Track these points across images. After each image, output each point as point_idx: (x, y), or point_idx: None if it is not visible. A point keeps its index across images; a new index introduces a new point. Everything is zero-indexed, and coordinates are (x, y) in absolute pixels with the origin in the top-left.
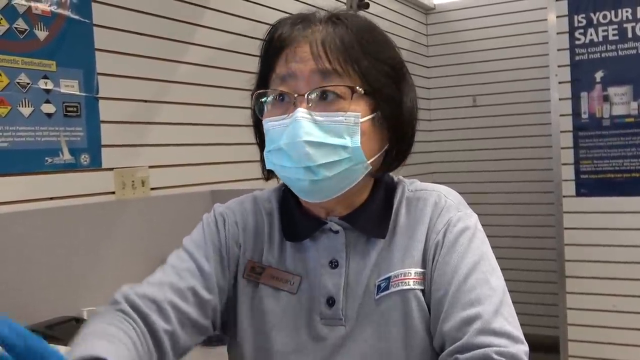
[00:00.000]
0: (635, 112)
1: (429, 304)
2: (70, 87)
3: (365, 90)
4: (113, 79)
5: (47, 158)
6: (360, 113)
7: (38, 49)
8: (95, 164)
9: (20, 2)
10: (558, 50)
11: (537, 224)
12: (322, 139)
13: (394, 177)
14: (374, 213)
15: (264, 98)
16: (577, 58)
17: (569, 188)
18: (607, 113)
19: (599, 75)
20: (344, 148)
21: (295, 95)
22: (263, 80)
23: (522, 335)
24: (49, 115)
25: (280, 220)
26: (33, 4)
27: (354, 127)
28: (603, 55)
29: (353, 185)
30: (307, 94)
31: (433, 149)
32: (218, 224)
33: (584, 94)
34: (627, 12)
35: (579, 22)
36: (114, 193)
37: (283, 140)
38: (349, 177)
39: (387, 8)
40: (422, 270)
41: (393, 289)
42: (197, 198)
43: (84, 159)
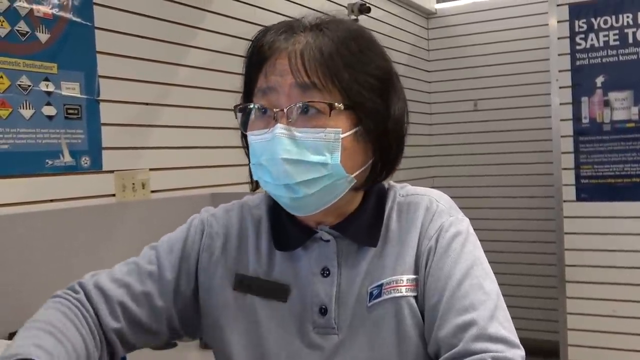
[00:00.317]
0: (636, 117)
1: (423, 311)
2: (72, 89)
3: (346, 105)
4: (114, 82)
5: (47, 160)
6: (342, 128)
7: (39, 52)
8: (96, 167)
9: (22, 4)
10: (559, 55)
11: (537, 229)
12: (300, 157)
13: (385, 183)
14: (365, 222)
15: (248, 111)
16: (577, 63)
17: (570, 193)
18: (607, 118)
19: (600, 80)
20: (324, 165)
21: (275, 110)
22: (247, 93)
23: (517, 340)
24: (50, 118)
25: (271, 229)
26: (35, 7)
27: (334, 143)
28: (604, 60)
29: (338, 199)
30: (286, 109)
31: (434, 153)
32: (197, 232)
33: (585, 99)
34: (627, 17)
35: (580, 27)
36: (115, 195)
37: (264, 156)
38: (332, 192)
39: (388, 12)
40: (414, 277)
41: (385, 296)
42: (197, 201)
43: (85, 162)
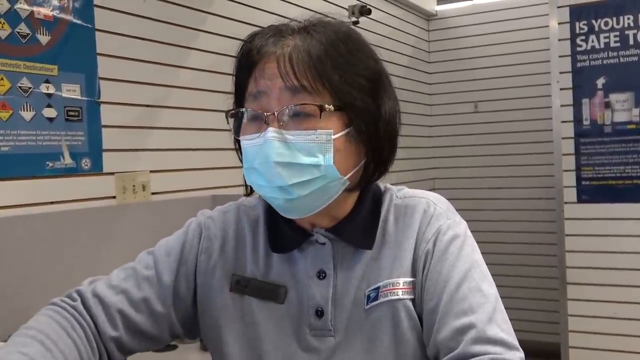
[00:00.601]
0: (637, 118)
1: (421, 314)
2: (72, 91)
3: (337, 107)
4: (115, 84)
5: (48, 162)
6: (333, 130)
7: (40, 54)
8: (96, 169)
9: (23, 6)
10: (559, 57)
11: (538, 231)
12: (292, 159)
13: (381, 185)
14: (361, 224)
15: (240, 116)
16: (578, 65)
17: (570, 194)
18: (608, 120)
19: (601, 82)
20: (317, 167)
21: (266, 114)
22: (238, 98)
23: (516, 342)
24: (51, 120)
25: (267, 231)
26: (35, 9)
27: (326, 144)
28: (604, 62)
29: (332, 201)
30: (277, 113)
31: (434, 155)
32: (195, 236)
33: (586, 101)
34: (628, 19)
35: (581, 28)
36: (115, 197)
37: (257, 160)
38: (325, 193)
39: (389, 14)
40: (411, 280)
41: (382, 299)
42: (198, 203)
43: (85, 164)
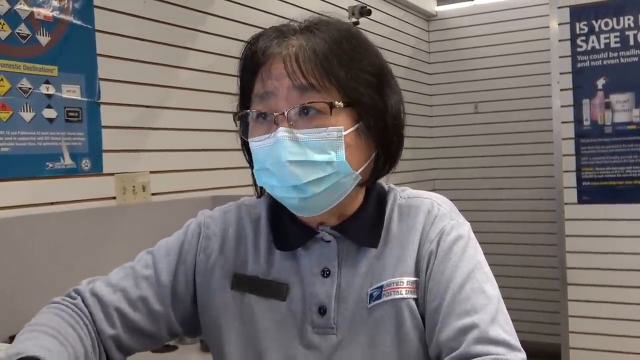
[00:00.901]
0: (638, 119)
1: (424, 314)
2: (72, 92)
3: (345, 103)
4: (115, 84)
5: (48, 163)
6: (343, 126)
7: (40, 54)
8: (96, 169)
9: (23, 7)
10: (560, 58)
11: (538, 231)
12: (305, 157)
13: (385, 185)
14: (366, 222)
15: (246, 118)
16: (579, 65)
17: (571, 195)
18: (609, 120)
19: (601, 83)
20: (329, 163)
21: (275, 114)
22: (244, 100)
23: (518, 343)
24: (51, 120)
25: (271, 229)
26: (35, 10)
27: (338, 141)
28: (605, 63)
29: (344, 197)
30: (286, 112)
31: (434, 156)
32: (194, 235)
33: (586, 101)
34: (629, 19)
35: (581, 29)
36: (115, 198)
37: (268, 161)
38: (339, 189)
39: (389, 15)
40: (415, 279)
41: (385, 298)
42: (198, 203)
43: (85, 164)
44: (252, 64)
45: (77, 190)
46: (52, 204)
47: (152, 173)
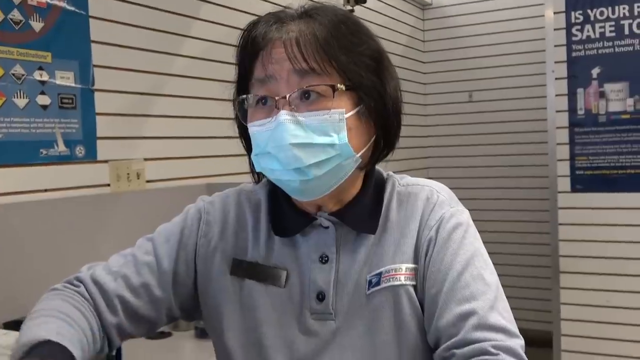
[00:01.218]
0: (632, 108)
1: (422, 301)
2: (66, 78)
3: (347, 86)
4: (109, 71)
5: (41, 150)
6: (344, 109)
7: (33, 40)
8: (91, 156)
9: None
10: (555, 47)
11: (532, 220)
12: (308, 140)
13: (384, 172)
14: (365, 208)
15: (246, 103)
16: (573, 54)
17: (564, 184)
18: (603, 109)
19: (596, 72)
20: (332, 146)
21: (277, 98)
22: (243, 85)
23: (517, 330)
24: (44, 107)
25: (269, 215)
26: None
27: (340, 123)
28: (600, 52)
29: (344, 180)
30: (288, 96)
31: (429, 144)
32: (194, 221)
33: (581, 90)
34: (624, 9)
35: (576, 18)
36: (109, 185)
37: (270, 144)
38: (340, 172)
39: (384, 3)
40: (413, 266)
41: (384, 285)
42: (192, 191)
43: (79, 151)
44: (251, 49)
45: (71, 177)
46: (45, 191)
47: (146, 160)
